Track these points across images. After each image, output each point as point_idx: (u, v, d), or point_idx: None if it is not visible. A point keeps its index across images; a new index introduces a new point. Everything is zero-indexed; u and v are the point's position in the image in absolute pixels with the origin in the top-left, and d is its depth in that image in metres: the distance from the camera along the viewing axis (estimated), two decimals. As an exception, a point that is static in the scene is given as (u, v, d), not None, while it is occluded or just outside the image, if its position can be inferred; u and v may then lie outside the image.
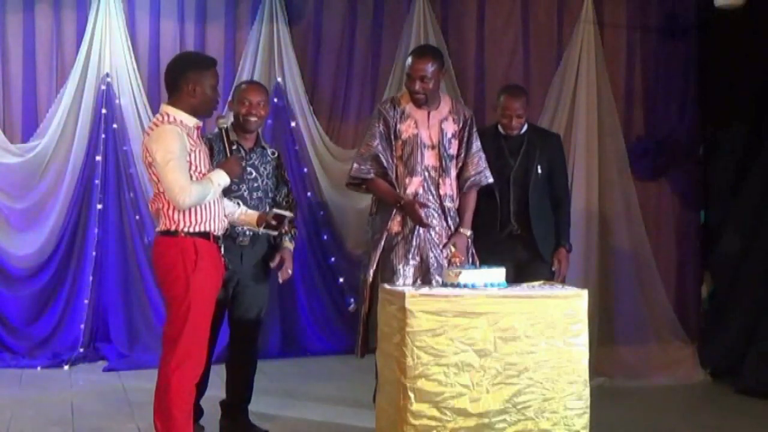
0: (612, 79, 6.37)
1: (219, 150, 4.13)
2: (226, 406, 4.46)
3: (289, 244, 4.44)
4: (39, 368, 5.99)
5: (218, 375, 4.42)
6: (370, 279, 4.48)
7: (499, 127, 4.97)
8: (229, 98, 4.68)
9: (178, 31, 6.49)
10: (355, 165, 4.54)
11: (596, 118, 6.24)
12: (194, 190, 3.63)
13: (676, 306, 6.31)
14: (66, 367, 6.01)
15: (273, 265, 4.37)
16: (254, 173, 4.34)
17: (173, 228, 3.69)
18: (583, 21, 6.33)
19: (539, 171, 4.92)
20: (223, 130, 3.99)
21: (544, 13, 6.62)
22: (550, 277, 4.76)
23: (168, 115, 3.73)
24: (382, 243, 4.48)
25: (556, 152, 5.08)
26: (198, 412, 4.37)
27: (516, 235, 4.89)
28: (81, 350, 6.20)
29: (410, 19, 6.59)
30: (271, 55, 6.57)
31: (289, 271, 4.44)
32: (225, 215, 3.88)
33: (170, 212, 3.70)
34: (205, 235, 3.73)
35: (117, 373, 5.92)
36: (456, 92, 6.56)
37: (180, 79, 3.75)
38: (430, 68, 4.46)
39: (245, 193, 4.29)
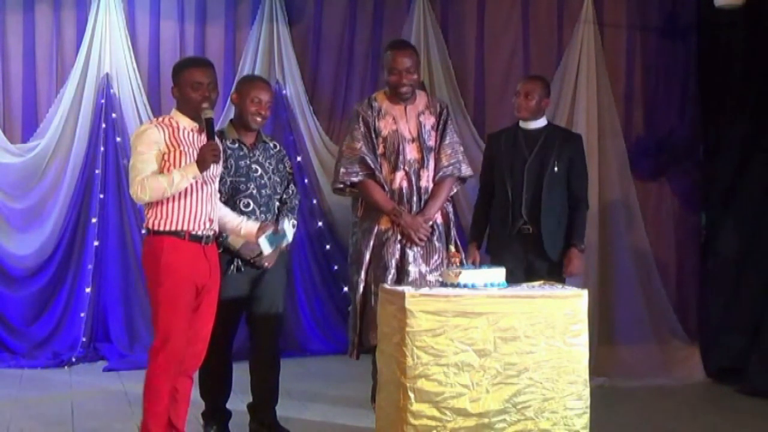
0: (612, 79, 6.37)
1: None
2: (252, 408, 4.42)
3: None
4: (39, 368, 5.99)
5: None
6: (363, 278, 4.48)
7: (520, 122, 4.95)
8: (232, 91, 4.44)
9: (178, 31, 6.50)
10: (342, 169, 4.51)
11: (596, 118, 6.25)
12: (148, 183, 3.64)
13: (676, 306, 6.31)
14: (66, 367, 6.02)
15: (250, 258, 4.19)
16: (260, 170, 4.25)
17: (147, 226, 3.77)
18: (583, 21, 6.33)
19: (555, 168, 4.82)
20: (205, 121, 3.76)
21: (544, 13, 6.63)
22: (558, 278, 4.62)
23: (165, 117, 3.82)
24: (372, 241, 4.49)
25: (577, 153, 4.96)
26: (225, 414, 4.40)
27: (526, 234, 4.81)
28: (81, 350, 6.20)
29: (410, 19, 6.60)
30: (271, 55, 6.58)
31: (266, 264, 4.21)
32: (212, 217, 3.82)
33: (147, 210, 3.77)
34: (177, 233, 3.71)
35: (117, 373, 5.92)
36: (456, 92, 6.57)
37: (172, 83, 3.86)
38: (413, 60, 4.52)
39: (254, 191, 4.22)
